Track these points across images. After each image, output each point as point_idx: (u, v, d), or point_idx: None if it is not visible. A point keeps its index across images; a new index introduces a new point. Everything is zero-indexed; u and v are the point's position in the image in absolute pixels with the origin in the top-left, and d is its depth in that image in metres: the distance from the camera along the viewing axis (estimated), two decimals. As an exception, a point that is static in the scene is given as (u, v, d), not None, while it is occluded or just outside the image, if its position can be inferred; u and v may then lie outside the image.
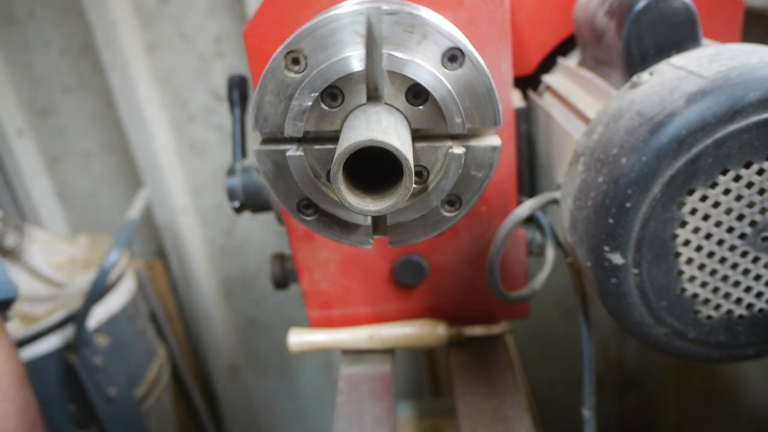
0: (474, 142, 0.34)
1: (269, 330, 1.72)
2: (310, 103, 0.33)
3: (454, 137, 0.34)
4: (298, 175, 0.35)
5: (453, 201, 0.36)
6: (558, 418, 1.19)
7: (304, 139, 0.35)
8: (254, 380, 1.79)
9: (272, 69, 0.33)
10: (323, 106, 0.34)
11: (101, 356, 1.21)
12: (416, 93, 0.34)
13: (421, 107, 0.34)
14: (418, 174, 0.35)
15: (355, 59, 0.32)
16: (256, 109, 0.34)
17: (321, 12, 0.34)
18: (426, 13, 0.33)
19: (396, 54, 0.33)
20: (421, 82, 0.33)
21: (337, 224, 0.37)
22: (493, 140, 0.35)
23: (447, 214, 0.37)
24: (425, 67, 0.33)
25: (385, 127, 0.31)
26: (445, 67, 0.33)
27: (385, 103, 0.34)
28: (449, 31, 0.33)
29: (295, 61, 0.33)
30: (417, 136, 0.35)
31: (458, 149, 0.34)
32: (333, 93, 0.34)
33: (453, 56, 0.33)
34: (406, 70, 0.33)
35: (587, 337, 0.53)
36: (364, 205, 0.31)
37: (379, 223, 0.37)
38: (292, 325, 0.68)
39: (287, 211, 0.37)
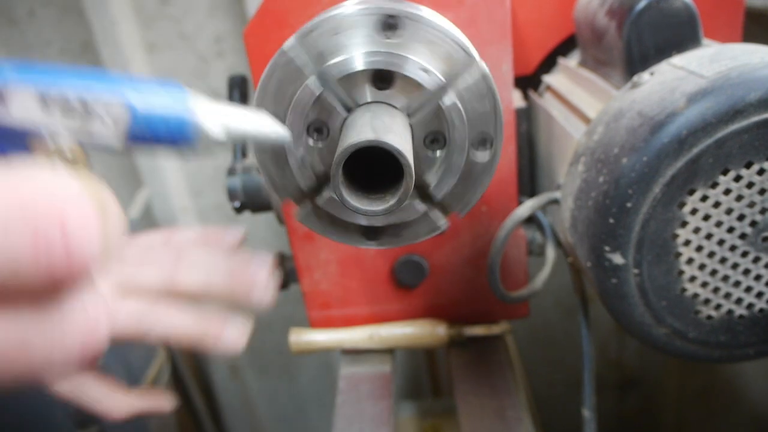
0: (460, 83, 0.33)
1: (269, 330, 1.71)
2: (300, 150, 0.34)
3: (442, 90, 0.33)
4: (345, 215, 0.36)
5: (483, 141, 0.35)
6: (558, 418, 1.19)
7: (319, 188, 0.35)
8: (254, 380, 1.79)
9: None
10: (311, 143, 0.34)
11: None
12: (381, 77, 0.33)
13: (392, 88, 0.33)
14: (436, 141, 0.35)
15: (306, 93, 0.32)
16: (270, 186, 0.35)
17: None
18: (344, 7, 0.32)
19: (337, 59, 0.32)
20: (376, 66, 0.32)
21: (403, 231, 0.37)
22: (477, 69, 0.33)
23: (482, 160, 0.35)
24: (371, 51, 0.32)
25: (377, 126, 0.30)
26: (389, 38, 0.32)
27: (365, 104, 0.33)
28: (373, 6, 0.32)
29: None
30: (410, 113, 0.34)
31: (449, 98, 0.33)
32: (317, 128, 0.34)
33: (389, 25, 0.32)
34: (356, 65, 0.32)
35: (587, 337, 0.53)
36: (369, 206, 0.31)
37: (432, 203, 0.37)
38: (292, 325, 0.68)
39: (351, 245, 0.38)
